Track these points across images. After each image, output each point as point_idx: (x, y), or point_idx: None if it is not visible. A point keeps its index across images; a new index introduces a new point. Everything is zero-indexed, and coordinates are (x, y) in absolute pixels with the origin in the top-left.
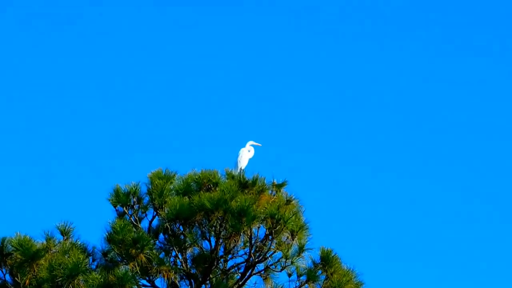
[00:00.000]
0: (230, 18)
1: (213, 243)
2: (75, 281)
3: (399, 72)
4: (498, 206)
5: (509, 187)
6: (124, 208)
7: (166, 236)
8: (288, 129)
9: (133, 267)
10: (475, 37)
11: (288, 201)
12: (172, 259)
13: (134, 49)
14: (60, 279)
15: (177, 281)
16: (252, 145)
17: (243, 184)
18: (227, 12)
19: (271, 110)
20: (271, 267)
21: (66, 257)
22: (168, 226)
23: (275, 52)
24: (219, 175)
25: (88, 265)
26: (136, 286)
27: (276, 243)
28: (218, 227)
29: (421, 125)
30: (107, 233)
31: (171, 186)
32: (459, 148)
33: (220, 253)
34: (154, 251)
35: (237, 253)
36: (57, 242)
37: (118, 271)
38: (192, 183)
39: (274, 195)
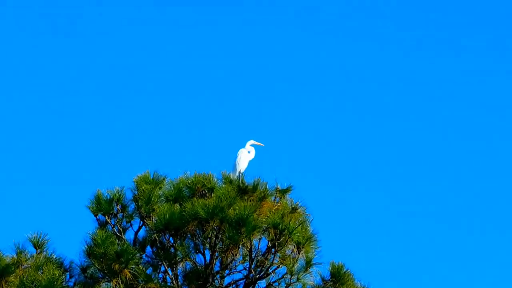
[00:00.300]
0: (230, 18)
1: (208, 257)
2: None
3: (404, 73)
4: None
5: None
6: (106, 217)
7: (154, 249)
8: (293, 127)
9: (116, 285)
10: (475, 37)
11: (294, 209)
12: (161, 275)
13: (133, 49)
14: None
15: None
16: (253, 145)
17: (243, 190)
18: (227, 12)
19: (274, 107)
20: (274, 284)
21: (40, 273)
22: (157, 238)
23: (276, 51)
24: (215, 179)
25: (64, 282)
26: None
27: (279, 257)
28: (214, 238)
29: (427, 126)
30: (86, 246)
31: (160, 192)
32: (477, 155)
33: (216, 268)
34: (140, 266)
35: (236, 269)
36: (29, 256)
37: None
38: (184, 189)
39: (277, 202)
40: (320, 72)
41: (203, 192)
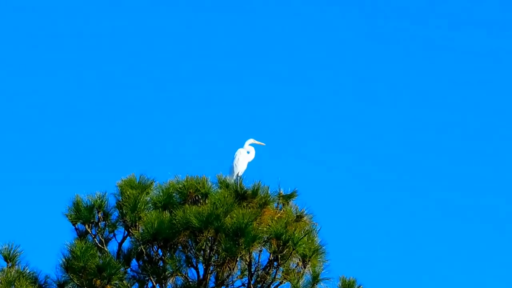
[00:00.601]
0: (229, 17)
1: (201, 272)
2: None
3: (406, 73)
4: None
5: None
6: (86, 226)
7: (141, 262)
8: (297, 125)
9: None
10: (475, 37)
11: (299, 217)
12: None
13: (124, 48)
14: None
15: None
16: (253, 145)
17: (241, 195)
18: (225, 11)
19: (275, 104)
20: None
21: None
22: (143, 250)
23: (276, 51)
24: (210, 183)
25: None
26: None
27: (283, 271)
28: (208, 250)
29: (436, 127)
30: (64, 259)
31: (148, 198)
32: (479, 155)
33: (211, 284)
34: (125, 281)
35: (233, 284)
36: None
37: None
38: (174, 194)
39: (280, 210)
40: (331, 70)
41: (196, 198)
